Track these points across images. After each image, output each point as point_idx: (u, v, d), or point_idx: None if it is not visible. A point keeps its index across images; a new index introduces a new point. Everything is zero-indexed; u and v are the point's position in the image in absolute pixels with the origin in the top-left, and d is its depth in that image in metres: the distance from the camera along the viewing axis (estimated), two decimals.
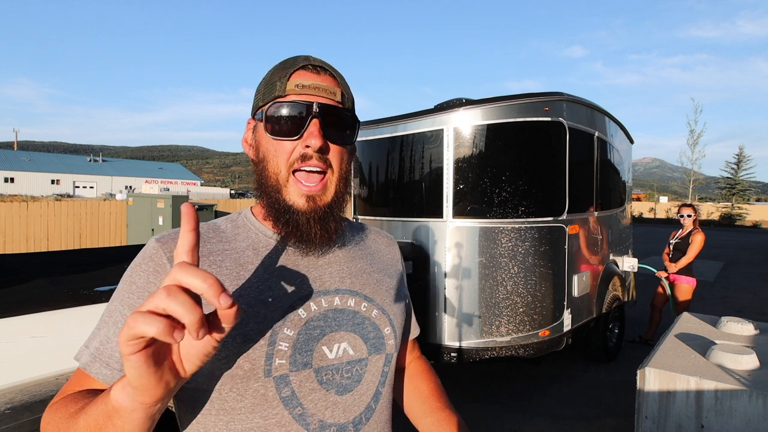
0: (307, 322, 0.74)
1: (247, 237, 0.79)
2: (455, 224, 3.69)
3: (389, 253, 0.97)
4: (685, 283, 5.12)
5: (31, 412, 1.66)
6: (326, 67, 0.79)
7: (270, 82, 0.78)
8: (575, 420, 3.58)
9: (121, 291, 0.72)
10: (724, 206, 30.11)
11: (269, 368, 0.70)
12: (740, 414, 1.82)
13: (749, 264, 11.95)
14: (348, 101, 0.81)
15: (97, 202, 13.00)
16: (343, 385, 0.76)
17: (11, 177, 53.46)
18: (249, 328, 0.70)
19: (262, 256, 0.77)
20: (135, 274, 0.72)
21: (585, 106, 4.23)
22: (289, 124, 0.74)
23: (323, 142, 0.74)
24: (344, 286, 0.81)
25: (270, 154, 0.76)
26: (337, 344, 0.76)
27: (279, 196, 0.75)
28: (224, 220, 0.83)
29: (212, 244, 0.77)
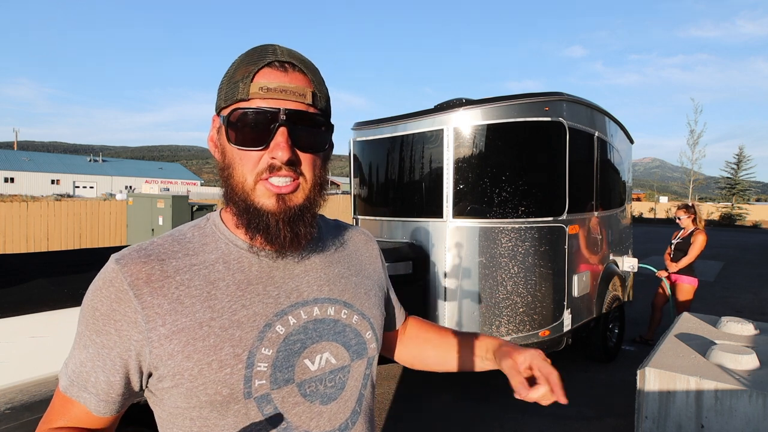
0: (286, 338, 0.71)
1: (217, 248, 0.74)
2: (455, 224, 3.69)
3: (366, 251, 0.93)
4: (687, 283, 5.11)
5: (31, 412, 1.66)
6: (295, 63, 0.71)
7: (233, 80, 0.70)
8: (575, 420, 3.58)
9: (85, 315, 0.69)
10: (724, 206, 30.10)
11: (249, 390, 0.68)
12: (740, 414, 1.82)
13: (749, 264, 11.95)
14: (321, 101, 0.73)
15: (97, 202, 13.00)
16: (327, 394, 0.75)
17: (11, 177, 53.45)
18: (224, 353, 0.67)
19: (234, 270, 0.72)
20: (96, 300, 0.68)
21: (585, 106, 4.22)
22: (253, 132, 0.68)
23: (291, 153, 0.68)
24: (323, 294, 0.78)
25: (235, 161, 0.70)
26: (319, 355, 0.74)
27: (247, 203, 0.70)
28: (191, 227, 0.77)
29: (177, 259, 0.71)
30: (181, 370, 0.66)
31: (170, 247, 0.72)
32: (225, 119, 0.69)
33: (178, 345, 0.66)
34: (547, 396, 0.75)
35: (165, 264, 0.70)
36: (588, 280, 4.28)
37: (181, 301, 0.68)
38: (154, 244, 0.72)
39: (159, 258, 0.70)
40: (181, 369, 0.66)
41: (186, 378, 0.66)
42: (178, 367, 0.66)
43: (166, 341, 0.66)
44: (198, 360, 0.66)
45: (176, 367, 0.66)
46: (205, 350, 0.66)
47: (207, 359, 0.66)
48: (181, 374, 0.66)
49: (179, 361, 0.66)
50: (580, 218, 4.12)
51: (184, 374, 0.66)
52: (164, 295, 0.67)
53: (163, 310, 0.67)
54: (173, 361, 0.66)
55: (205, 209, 12.07)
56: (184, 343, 0.66)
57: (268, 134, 0.68)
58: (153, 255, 0.70)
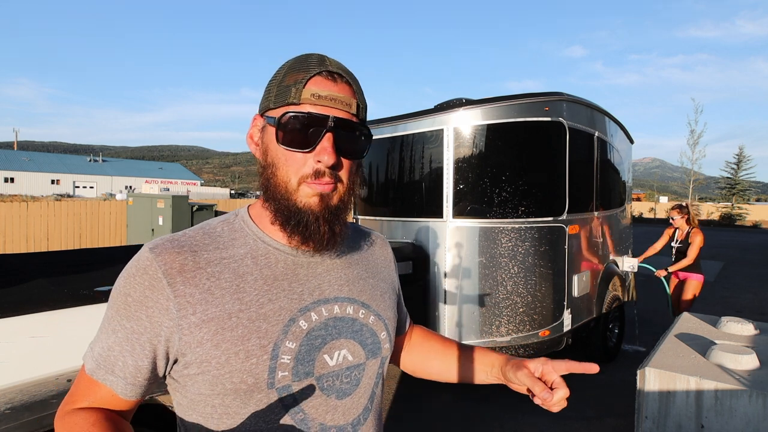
0: (308, 333, 0.75)
1: (245, 243, 0.77)
2: (455, 224, 3.69)
3: (382, 255, 0.97)
4: (696, 280, 5.22)
5: (31, 412, 1.65)
6: (343, 74, 0.75)
7: (283, 84, 0.74)
8: (575, 420, 3.58)
9: (116, 300, 0.72)
10: (724, 206, 30.10)
11: (272, 381, 0.71)
12: (740, 414, 1.82)
13: (749, 264, 11.95)
14: (362, 111, 0.78)
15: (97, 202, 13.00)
16: (343, 389, 0.78)
17: (11, 177, 53.45)
18: (251, 344, 0.70)
19: (262, 266, 0.76)
20: (129, 286, 0.71)
21: (585, 106, 4.22)
22: (302, 135, 0.72)
23: (336, 159, 0.73)
24: (343, 294, 0.81)
25: (280, 161, 0.74)
26: (338, 351, 0.78)
27: (289, 201, 0.74)
28: (220, 222, 0.80)
29: (209, 252, 0.74)
30: (208, 358, 0.69)
31: (202, 239, 0.76)
32: (275, 120, 0.73)
33: (208, 333, 0.69)
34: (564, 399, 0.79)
35: (197, 255, 0.73)
36: (588, 280, 4.28)
37: (212, 291, 0.71)
38: (186, 235, 0.76)
39: (192, 249, 0.73)
40: (209, 357, 0.69)
41: (213, 366, 0.69)
42: (206, 354, 0.69)
43: (196, 329, 0.69)
44: (226, 349, 0.69)
45: (204, 354, 0.69)
46: (233, 340, 0.69)
47: (235, 348, 0.69)
48: (208, 362, 0.69)
49: (208, 349, 0.69)
50: (580, 218, 4.12)
51: (212, 362, 0.69)
52: (196, 285, 0.70)
53: (195, 300, 0.70)
54: (202, 348, 0.69)
55: (205, 209, 12.08)
56: (213, 332, 0.69)
57: (315, 138, 0.72)
58: (186, 246, 0.73)
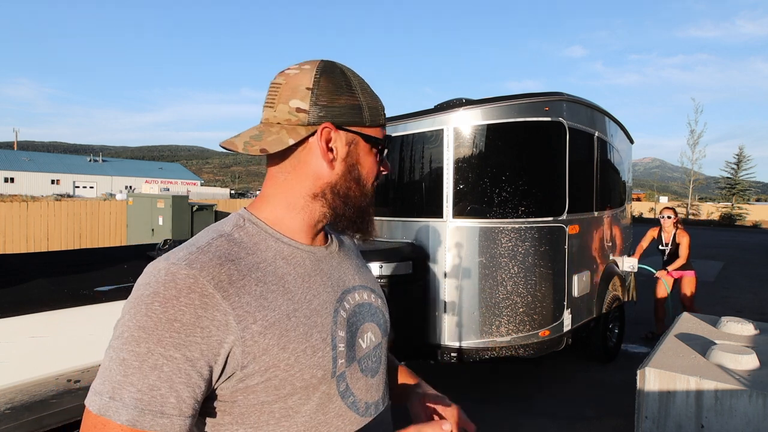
0: (348, 320, 0.80)
1: (268, 246, 0.76)
2: (455, 224, 3.69)
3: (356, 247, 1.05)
4: (690, 275, 5.50)
5: (30, 412, 1.65)
6: None
7: (371, 104, 0.82)
8: (575, 420, 3.58)
9: (155, 330, 0.63)
10: (724, 206, 30.09)
11: (335, 370, 0.75)
12: (740, 414, 1.82)
13: (749, 264, 11.95)
14: None
15: (97, 202, 13.00)
16: (373, 368, 0.85)
17: (11, 177, 53.45)
18: (314, 339, 0.73)
19: (294, 265, 0.78)
20: (174, 310, 0.64)
21: (585, 106, 4.22)
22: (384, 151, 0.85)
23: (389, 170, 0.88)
24: (357, 282, 0.88)
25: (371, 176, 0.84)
26: (366, 334, 0.84)
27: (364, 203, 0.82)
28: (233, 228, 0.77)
29: (245, 259, 0.72)
30: (276, 362, 0.69)
31: (230, 248, 0.73)
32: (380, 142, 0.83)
33: (273, 338, 0.69)
34: None
35: (238, 264, 0.71)
36: (588, 280, 4.28)
37: (265, 296, 0.71)
38: (213, 246, 0.71)
39: (229, 259, 0.71)
40: (277, 361, 0.69)
41: (282, 369, 0.69)
42: (274, 359, 0.69)
43: (260, 337, 0.68)
44: (293, 349, 0.70)
45: (271, 360, 0.68)
46: (298, 339, 0.71)
47: (302, 347, 0.71)
48: (276, 366, 0.69)
49: (275, 354, 0.69)
50: (580, 218, 4.12)
51: (280, 365, 0.69)
52: (249, 293, 0.69)
53: (252, 308, 0.69)
54: (268, 355, 0.68)
55: (205, 209, 12.07)
56: (279, 335, 0.70)
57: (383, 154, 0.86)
58: (222, 257, 0.70)
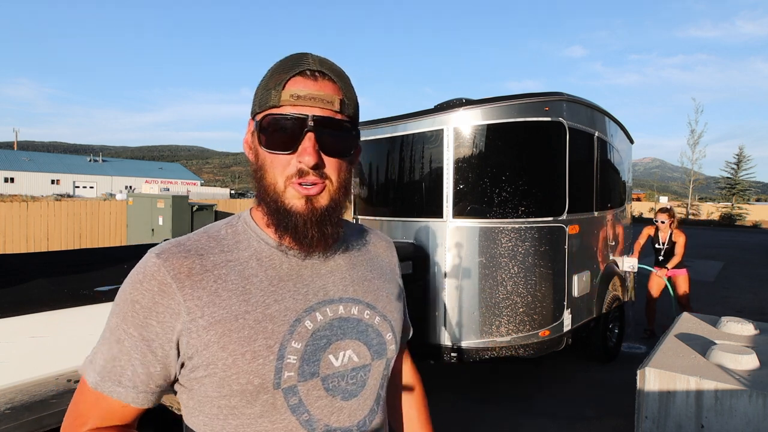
0: (313, 333, 0.75)
1: (249, 245, 0.78)
2: (455, 224, 3.69)
3: (387, 257, 0.97)
4: (683, 274, 5.66)
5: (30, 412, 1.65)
6: (325, 71, 0.76)
7: (266, 87, 0.75)
8: (575, 420, 3.58)
9: (122, 308, 0.72)
10: (724, 206, 30.08)
11: (278, 381, 0.71)
12: (740, 414, 1.82)
13: (749, 264, 11.95)
14: (349, 108, 0.78)
15: (97, 202, 13.00)
16: (349, 390, 0.78)
17: (11, 177, 53.43)
18: (257, 344, 0.71)
19: (266, 267, 0.77)
20: (137, 293, 0.71)
21: (585, 106, 4.22)
22: (283, 137, 0.73)
23: (317, 158, 0.72)
24: (348, 294, 0.82)
25: (267, 164, 0.75)
26: (343, 352, 0.78)
27: (278, 204, 0.75)
28: (224, 225, 0.82)
29: (215, 255, 0.76)
30: (215, 360, 0.69)
31: (207, 243, 0.77)
32: (258, 124, 0.75)
33: (215, 336, 0.69)
34: None
35: (204, 258, 0.74)
36: (588, 280, 4.28)
37: (219, 294, 0.72)
38: (191, 240, 0.77)
39: (198, 253, 0.74)
40: (216, 359, 0.69)
41: (220, 368, 0.69)
42: (213, 356, 0.69)
43: (203, 332, 0.69)
44: (233, 350, 0.69)
45: (211, 357, 0.69)
46: (240, 341, 0.70)
47: (241, 350, 0.70)
48: (215, 364, 0.69)
49: (215, 351, 0.69)
50: (580, 218, 4.12)
51: (218, 364, 0.69)
52: (203, 288, 0.71)
53: (203, 302, 0.70)
54: (209, 351, 0.69)
55: (205, 209, 12.08)
56: (220, 334, 0.70)
57: (297, 139, 0.73)
58: (192, 250, 0.75)
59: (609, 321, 4.71)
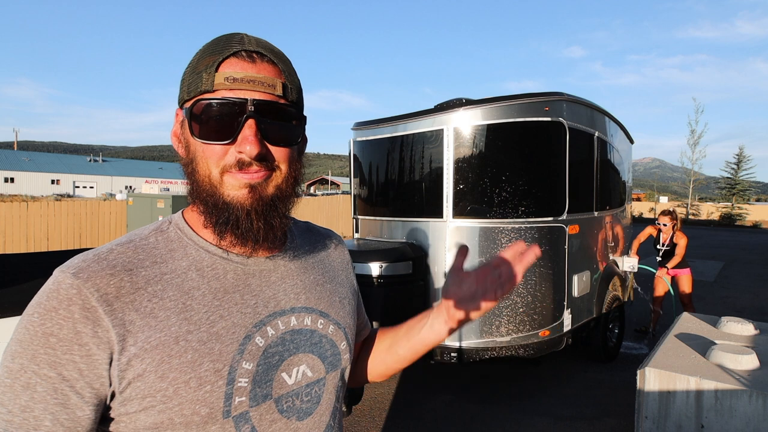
0: (265, 350, 0.67)
1: (186, 254, 0.68)
2: (455, 224, 3.69)
3: (338, 256, 0.90)
4: (686, 273, 5.66)
5: None
6: (264, 53, 0.66)
7: (196, 70, 0.65)
8: (575, 420, 3.58)
9: (29, 345, 0.57)
10: (724, 206, 30.08)
11: (228, 409, 0.63)
12: (740, 414, 1.82)
13: (749, 264, 11.95)
14: (292, 93, 0.68)
15: (97, 202, 13.00)
16: (303, 409, 0.71)
17: (11, 177, 53.45)
18: (203, 369, 0.61)
19: (209, 278, 0.67)
20: (51, 323, 0.57)
21: (585, 106, 4.22)
22: (219, 125, 0.63)
23: (260, 147, 0.63)
24: (300, 303, 0.74)
25: (199, 155, 0.65)
26: (296, 368, 0.71)
27: (215, 197, 0.65)
28: (153, 232, 0.69)
29: (147, 269, 0.64)
30: (152, 392, 0.59)
31: (134, 255, 0.65)
32: (188, 111, 0.65)
33: (151, 364, 0.59)
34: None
35: (133, 274, 0.63)
36: (588, 280, 4.28)
37: (155, 314, 0.61)
38: (114, 252, 0.64)
39: (126, 268, 0.63)
40: (153, 390, 0.59)
41: (158, 400, 0.59)
42: (150, 388, 0.59)
43: (137, 361, 0.59)
44: (174, 379, 0.60)
45: (147, 389, 0.59)
46: (182, 367, 0.60)
47: (184, 377, 0.60)
48: (152, 396, 0.59)
49: (151, 382, 0.59)
50: (580, 218, 4.12)
51: (156, 396, 0.59)
52: (136, 310, 0.61)
53: (136, 327, 0.60)
54: (143, 382, 0.59)
55: None
56: (158, 361, 0.60)
57: (235, 127, 0.63)
58: (118, 265, 0.63)
59: (609, 321, 4.71)
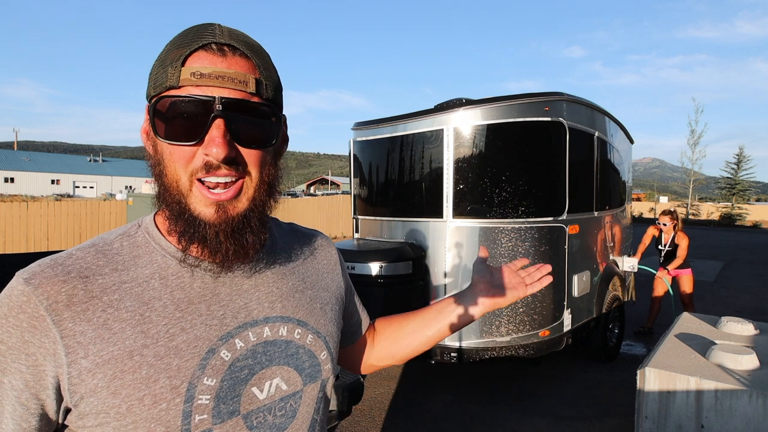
0: (231, 365, 0.63)
1: (151, 261, 0.64)
2: (455, 224, 3.69)
3: (324, 257, 0.85)
4: (687, 274, 5.65)
5: None
6: (236, 45, 0.61)
7: (163, 64, 0.60)
8: (575, 420, 3.58)
9: None
10: (724, 206, 30.09)
11: (188, 427, 0.59)
12: (740, 414, 1.82)
13: (749, 264, 11.95)
14: (268, 89, 0.63)
15: (97, 202, 13.00)
16: (277, 425, 0.67)
17: (11, 177, 53.47)
18: (159, 386, 0.58)
19: (173, 288, 0.63)
20: (1, 331, 0.57)
21: (585, 106, 4.22)
22: (184, 125, 0.59)
23: (228, 150, 0.59)
24: (275, 312, 0.70)
25: (166, 157, 0.61)
26: (269, 381, 0.66)
27: (182, 206, 0.61)
28: (119, 236, 0.66)
29: (104, 276, 0.61)
30: (106, 408, 0.57)
31: (94, 260, 0.62)
32: (152, 109, 0.61)
33: (103, 380, 0.57)
34: None
35: (89, 282, 0.60)
36: (588, 280, 4.28)
37: (109, 326, 0.58)
38: (73, 257, 0.62)
39: (81, 275, 0.60)
40: (106, 407, 0.57)
41: (112, 416, 0.57)
42: (103, 404, 0.57)
43: (88, 376, 0.57)
44: (127, 395, 0.57)
45: (100, 405, 0.57)
46: (136, 384, 0.57)
47: (138, 394, 0.57)
48: (106, 412, 0.57)
49: (104, 398, 0.57)
50: (580, 218, 4.12)
51: (110, 412, 0.57)
52: (88, 320, 0.58)
53: (87, 339, 0.57)
54: (96, 398, 0.57)
55: None
56: (111, 377, 0.57)
57: (202, 127, 0.59)
58: (73, 272, 0.60)
59: (609, 321, 4.71)
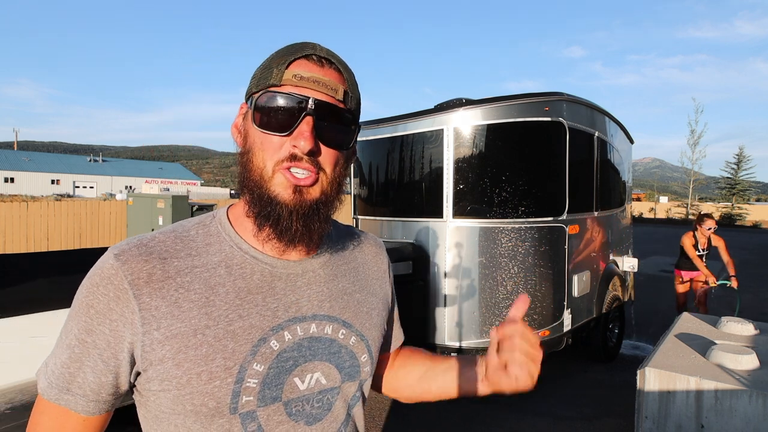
0: (279, 354, 0.69)
1: (220, 250, 0.72)
2: (455, 224, 3.69)
3: (376, 263, 0.90)
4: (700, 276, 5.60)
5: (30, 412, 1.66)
6: (332, 60, 0.71)
7: (267, 67, 0.70)
8: (575, 420, 3.58)
9: (78, 312, 0.67)
10: (724, 206, 30.09)
11: (235, 406, 0.66)
12: (740, 414, 1.82)
13: (749, 264, 11.94)
14: (352, 101, 0.72)
15: (97, 202, 13.00)
16: (313, 414, 0.73)
17: (11, 177, 53.46)
18: (215, 364, 0.65)
19: (236, 277, 0.70)
20: (92, 297, 0.66)
21: (585, 106, 4.23)
22: (279, 117, 0.67)
23: (313, 144, 0.66)
24: (322, 311, 0.75)
25: (256, 146, 0.69)
26: (310, 374, 0.72)
27: (262, 189, 0.68)
28: (196, 224, 0.74)
29: (180, 259, 0.69)
30: (169, 377, 0.64)
31: (173, 244, 0.70)
32: (253, 102, 0.69)
33: (170, 351, 0.64)
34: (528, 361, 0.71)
35: (167, 263, 0.68)
36: (588, 280, 4.28)
37: (179, 304, 0.66)
38: (156, 240, 0.70)
39: (161, 256, 0.68)
40: (170, 375, 0.64)
41: (174, 385, 0.65)
42: (167, 373, 0.64)
43: (158, 346, 0.64)
44: (188, 369, 0.64)
45: (165, 372, 0.64)
46: (196, 359, 0.65)
47: (197, 369, 0.64)
48: (169, 380, 0.65)
49: (168, 368, 0.64)
50: (580, 218, 4.12)
51: (172, 381, 0.64)
52: (163, 297, 0.66)
53: (160, 313, 0.65)
54: (163, 366, 0.64)
55: (204, 209, 12.07)
56: (176, 350, 0.64)
57: (294, 121, 0.67)
58: (155, 252, 0.68)
59: (609, 321, 4.71)
